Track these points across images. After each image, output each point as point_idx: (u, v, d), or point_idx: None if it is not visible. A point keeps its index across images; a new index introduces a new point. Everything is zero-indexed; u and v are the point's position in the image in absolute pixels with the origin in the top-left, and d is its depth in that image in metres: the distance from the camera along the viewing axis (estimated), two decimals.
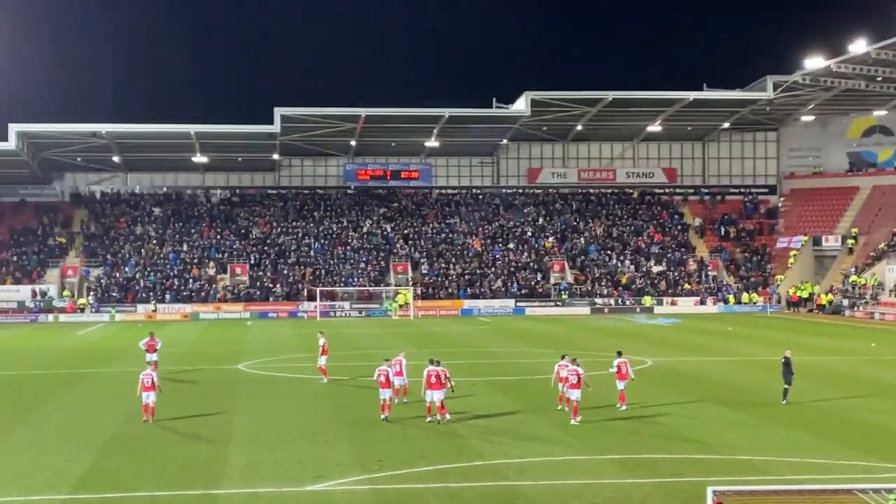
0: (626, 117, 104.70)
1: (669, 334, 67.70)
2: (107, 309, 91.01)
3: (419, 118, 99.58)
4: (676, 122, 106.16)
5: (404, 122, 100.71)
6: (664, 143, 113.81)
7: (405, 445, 27.45)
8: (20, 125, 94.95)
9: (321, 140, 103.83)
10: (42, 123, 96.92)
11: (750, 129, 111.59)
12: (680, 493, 21.95)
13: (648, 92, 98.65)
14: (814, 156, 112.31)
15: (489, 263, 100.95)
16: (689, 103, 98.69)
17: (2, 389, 41.02)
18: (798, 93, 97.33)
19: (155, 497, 21.96)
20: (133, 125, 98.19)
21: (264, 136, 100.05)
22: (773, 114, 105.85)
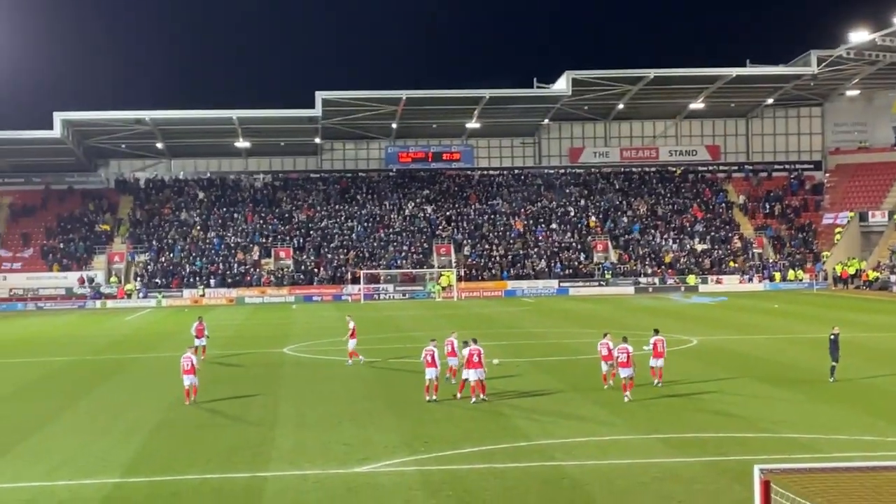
0: (668, 95, 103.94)
1: (714, 313, 67.29)
2: (154, 294, 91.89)
3: (460, 99, 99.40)
4: (719, 99, 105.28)
5: (445, 104, 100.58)
6: (707, 121, 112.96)
7: (451, 427, 27.51)
8: (65, 113, 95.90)
9: (363, 123, 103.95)
10: (86, 111, 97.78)
11: (794, 104, 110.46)
12: (727, 471, 21.84)
13: (690, 69, 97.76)
14: (859, 130, 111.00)
15: (532, 244, 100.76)
16: (732, 80, 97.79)
17: (52, 375, 41.56)
18: (842, 67, 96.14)
19: (204, 479, 22.16)
20: (176, 111, 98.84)
21: (306, 119, 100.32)
22: (817, 89, 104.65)
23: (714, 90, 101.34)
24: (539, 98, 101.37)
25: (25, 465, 24.01)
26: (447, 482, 21.49)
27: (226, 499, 20.58)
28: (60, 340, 58.18)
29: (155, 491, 21.42)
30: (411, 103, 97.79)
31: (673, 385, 33.87)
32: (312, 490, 21.14)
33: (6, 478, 22.83)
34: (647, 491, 20.50)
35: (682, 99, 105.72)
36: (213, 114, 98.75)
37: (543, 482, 21.35)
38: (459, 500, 20.06)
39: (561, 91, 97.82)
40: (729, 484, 20.81)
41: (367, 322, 65.01)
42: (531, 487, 20.93)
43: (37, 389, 37.31)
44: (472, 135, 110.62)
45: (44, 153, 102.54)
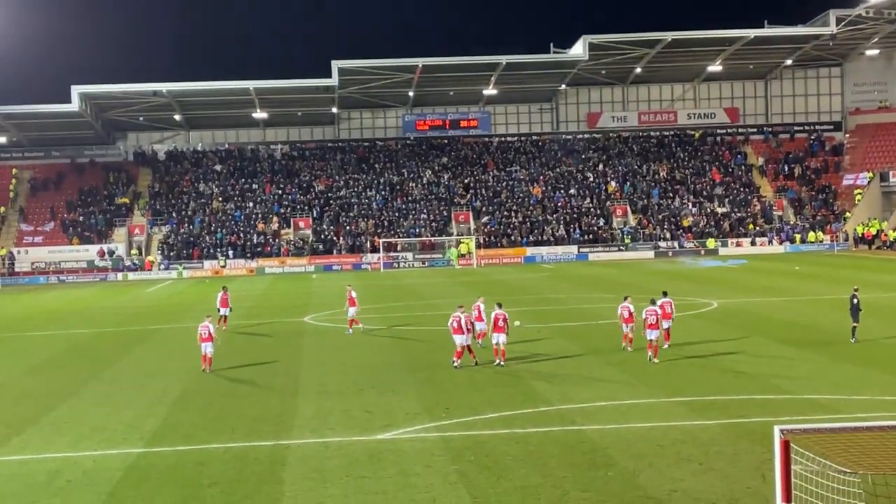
0: (685, 58, 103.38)
1: (735, 276, 67.19)
2: (175, 266, 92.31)
3: (476, 66, 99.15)
4: (737, 61, 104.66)
5: (461, 71, 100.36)
6: (725, 83, 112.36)
7: (472, 393, 27.63)
8: (82, 87, 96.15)
9: (379, 92, 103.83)
10: (104, 84, 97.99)
11: (813, 65, 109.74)
12: (748, 433, 21.89)
13: (708, 31, 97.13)
14: (879, 90, 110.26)
15: (551, 210, 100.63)
16: (750, 41, 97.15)
17: (76, 347, 41.90)
18: (862, 26, 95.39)
19: (228, 448, 22.35)
20: (193, 83, 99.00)
21: (322, 89, 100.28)
22: (836, 49, 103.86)
23: (732, 52, 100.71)
24: (556, 63, 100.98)
25: (51, 436, 24.28)
26: (469, 447, 21.62)
27: (250, 466, 20.76)
28: (83, 313, 58.59)
29: (180, 460, 21.64)
30: (428, 70, 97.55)
31: (693, 348, 33.92)
32: (335, 457, 21.30)
33: (33, 448, 23.09)
34: (667, 453, 20.58)
35: (700, 62, 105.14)
36: (231, 85, 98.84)
37: (564, 446, 21.46)
38: (481, 465, 20.18)
39: (578, 56, 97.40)
40: (750, 446, 20.86)
41: (387, 290, 65.33)
42: (552, 451, 21.04)
43: (61, 361, 37.64)
44: (490, 101, 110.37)
45: (62, 127, 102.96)
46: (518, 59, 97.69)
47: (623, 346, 33.81)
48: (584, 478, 19.11)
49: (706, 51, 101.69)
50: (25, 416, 26.72)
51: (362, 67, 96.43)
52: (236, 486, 19.39)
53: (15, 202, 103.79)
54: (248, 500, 18.57)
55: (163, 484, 19.81)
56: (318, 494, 18.70)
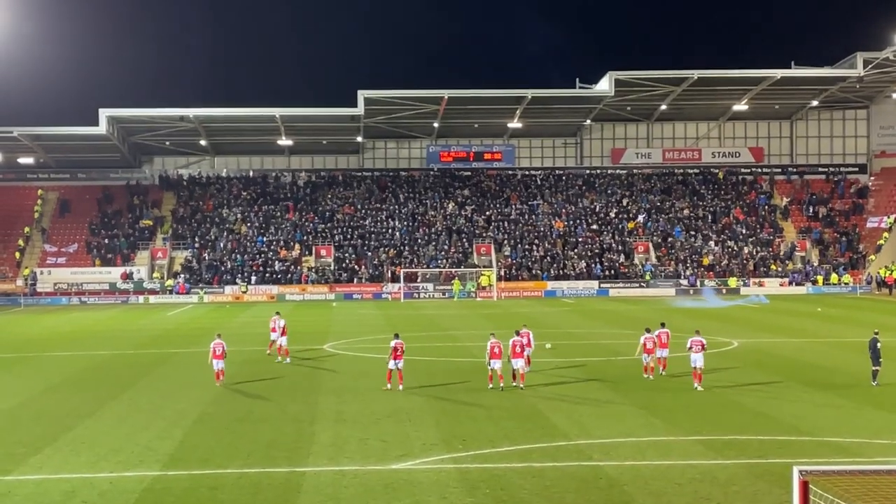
0: (711, 96, 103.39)
1: (755, 315, 66.83)
2: (196, 290, 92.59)
3: (502, 99, 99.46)
4: (763, 101, 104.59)
5: (487, 104, 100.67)
6: (751, 122, 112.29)
7: (489, 425, 27.53)
8: (110, 110, 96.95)
9: (404, 122, 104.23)
10: (131, 108, 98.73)
11: (839, 106, 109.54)
12: (766, 474, 21.71)
13: (735, 70, 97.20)
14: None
15: (573, 245, 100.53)
16: (777, 81, 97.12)
17: (96, 368, 42.00)
18: (889, 69, 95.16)
19: (243, 474, 22.33)
20: (219, 109, 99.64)
21: (348, 118, 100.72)
22: (863, 91, 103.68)
23: (758, 92, 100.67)
24: (581, 98, 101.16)
25: (68, 456, 24.31)
26: (485, 480, 21.52)
27: (264, 493, 20.72)
28: (104, 334, 58.79)
29: (195, 484, 21.62)
30: (453, 102, 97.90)
31: (712, 386, 33.72)
32: (350, 486, 21.24)
33: (50, 468, 23.13)
34: (685, 492, 20.43)
35: (725, 100, 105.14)
36: (256, 111, 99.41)
37: (581, 482, 21.33)
38: (496, 499, 20.08)
39: (603, 91, 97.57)
40: (768, 487, 20.69)
41: (406, 320, 65.29)
42: (568, 487, 20.92)
43: (81, 382, 37.73)
44: (514, 135, 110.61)
45: (89, 149, 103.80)
46: (543, 94, 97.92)
47: (645, 376, 35.68)
48: None
49: (732, 90, 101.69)
50: (43, 436, 26.77)
51: (388, 97, 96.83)
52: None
53: (40, 223, 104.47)
54: None
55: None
56: None
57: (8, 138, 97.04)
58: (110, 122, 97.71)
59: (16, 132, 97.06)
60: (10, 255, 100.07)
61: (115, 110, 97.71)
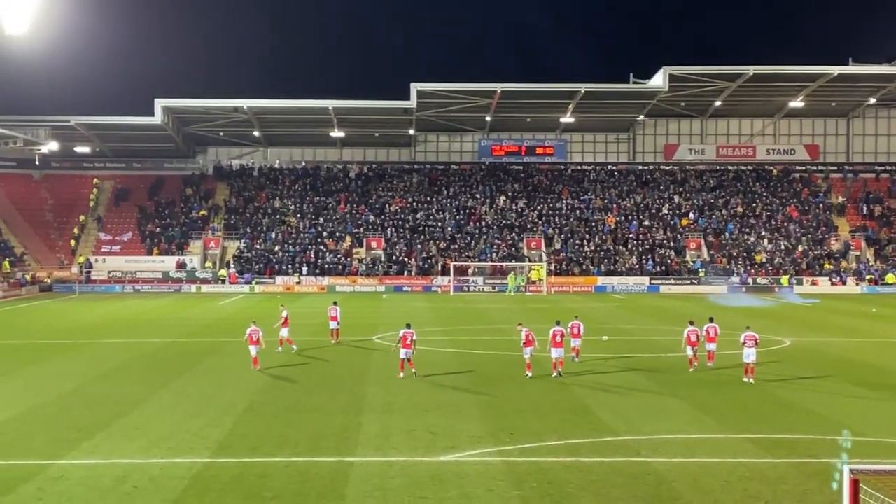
0: (767, 93, 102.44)
1: (808, 314, 66.14)
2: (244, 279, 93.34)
3: (555, 94, 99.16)
4: (820, 98, 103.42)
5: (540, 98, 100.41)
6: (806, 120, 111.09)
7: (536, 419, 27.49)
8: (166, 100, 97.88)
9: (456, 115, 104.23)
10: (186, 98, 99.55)
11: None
12: (817, 473, 21.49)
13: (791, 67, 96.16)
14: None
15: (624, 240, 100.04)
16: (834, 78, 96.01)
17: (148, 356, 42.45)
18: None
19: (291, 462, 22.46)
20: (273, 100, 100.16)
21: (400, 111, 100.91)
22: None
23: (815, 89, 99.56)
24: (635, 93, 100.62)
25: (120, 442, 24.60)
26: (532, 474, 21.50)
27: (312, 482, 20.84)
28: (156, 322, 59.41)
29: (243, 471, 21.79)
30: (506, 97, 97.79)
31: (763, 385, 33.45)
32: (397, 476, 21.30)
33: (102, 453, 23.41)
34: (734, 490, 20.28)
35: (781, 97, 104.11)
36: (310, 103, 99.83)
37: (628, 477, 21.24)
38: (543, 493, 20.05)
39: (657, 87, 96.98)
40: (818, 486, 20.49)
41: (455, 313, 65.37)
42: (616, 482, 20.84)
43: (133, 369, 38.15)
44: (566, 129, 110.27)
45: (144, 139, 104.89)
46: (597, 88, 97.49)
47: (690, 369, 36.70)
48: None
49: (788, 86, 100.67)
50: (96, 421, 27.12)
51: (441, 91, 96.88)
52: (298, 501, 19.48)
53: (95, 211, 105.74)
54: None
55: (226, 494, 19.96)
56: None
57: (65, 127, 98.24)
58: (165, 112, 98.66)
59: (73, 121, 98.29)
60: (66, 243, 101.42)
61: (171, 100, 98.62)
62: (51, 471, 21.78)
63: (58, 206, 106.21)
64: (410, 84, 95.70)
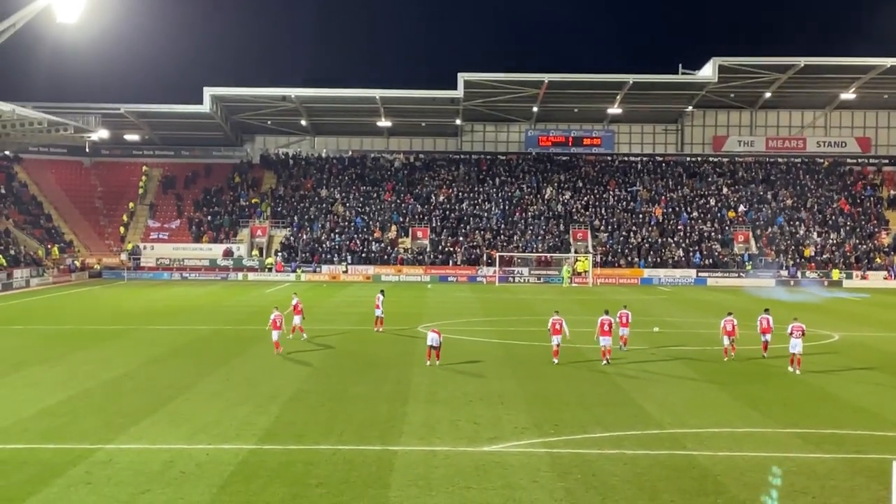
0: (818, 84, 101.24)
1: (857, 309, 65.42)
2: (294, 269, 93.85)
3: (603, 84, 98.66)
4: (872, 90, 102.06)
5: (587, 89, 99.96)
6: (858, 112, 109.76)
7: (581, 410, 27.43)
8: (214, 89, 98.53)
9: (503, 105, 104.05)
10: (235, 87, 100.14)
11: None
12: (865, 469, 21.28)
13: (843, 58, 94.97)
14: None
15: (671, 232, 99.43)
16: (887, 70, 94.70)
17: (195, 342, 42.84)
18: None
19: (336, 450, 22.57)
20: (321, 90, 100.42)
21: (447, 101, 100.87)
22: None
23: (867, 80, 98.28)
24: (684, 84, 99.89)
25: (167, 428, 24.85)
26: (576, 465, 21.46)
27: (357, 470, 20.94)
28: (203, 310, 59.90)
29: (290, 458, 21.93)
30: (553, 87, 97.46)
31: (812, 379, 33.15)
32: (441, 466, 21.35)
33: (149, 438, 23.66)
34: (781, 485, 20.12)
35: (832, 89, 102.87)
36: (357, 93, 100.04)
37: (673, 470, 21.14)
38: (587, 484, 20.01)
39: (706, 78, 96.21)
40: (866, 482, 20.29)
41: (501, 304, 65.35)
42: (660, 475, 20.75)
43: (180, 356, 38.51)
44: (614, 120, 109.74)
45: (193, 127, 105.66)
46: (645, 79, 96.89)
47: (725, 359, 37.25)
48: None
49: (840, 78, 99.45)
50: (143, 407, 27.41)
51: (488, 81, 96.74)
52: (343, 488, 19.57)
53: (144, 198, 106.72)
54: (354, 502, 18.72)
55: (272, 481, 20.10)
56: (423, 502, 18.76)
57: (115, 115, 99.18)
58: (214, 100, 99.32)
59: (122, 109, 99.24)
60: (115, 230, 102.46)
61: (219, 89, 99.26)
62: (99, 455, 22.04)
63: (107, 194, 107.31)
64: (458, 74, 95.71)
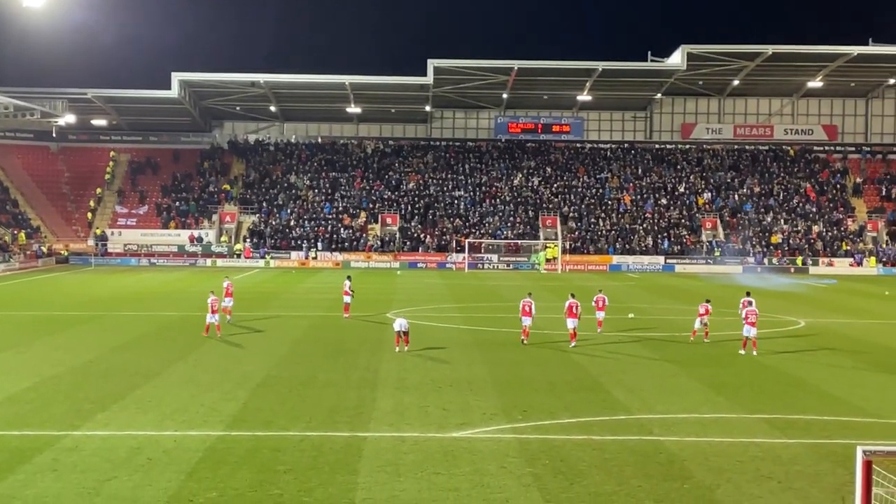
0: (785, 72, 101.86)
1: (824, 295, 65.95)
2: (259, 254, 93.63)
3: (572, 71, 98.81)
4: (839, 78, 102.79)
5: (557, 76, 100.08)
6: (825, 100, 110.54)
7: (550, 397, 27.51)
8: (182, 74, 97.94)
9: (473, 92, 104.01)
10: (203, 73, 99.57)
11: None
12: (830, 454, 21.47)
13: (810, 46, 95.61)
14: None
15: (640, 219, 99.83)
16: (853, 58, 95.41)
17: (163, 329, 42.64)
18: None
19: (305, 437, 22.53)
20: (290, 75, 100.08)
21: (417, 87, 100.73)
22: None
23: (834, 69, 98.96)
24: (653, 72, 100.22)
25: (135, 414, 24.73)
26: (544, 451, 21.52)
27: (325, 456, 20.91)
28: (172, 296, 59.66)
29: (257, 445, 21.87)
30: (523, 74, 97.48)
31: (777, 365, 33.41)
32: (410, 452, 21.36)
33: (117, 425, 23.53)
34: (746, 470, 20.27)
35: (799, 77, 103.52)
36: (326, 79, 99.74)
37: (641, 456, 21.25)
38: (556, 470, 20.08)
39: (675, 65, 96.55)
40: (831, 467, 20.47)
41: (470, 290, 65.42)
42: (628, 460, 20.86)
43: (148, 342, 38.32)
44: (583, 107, 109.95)
45: (161, 113, 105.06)
46: (615, 66, 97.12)
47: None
48: (660, 489, 18.90)
49: (807, 66, 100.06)
50: (111, 393, 27.26)
51: (458, 67, 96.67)
52: (311, 474, 19.54)
53: (112, 184, 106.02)
54: (322, 488, 18.69)
55: (239, 467, 20.05)
56: (392, 488, 18.76)
57: (82, 100, 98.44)
58: (182, 86, 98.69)
59: (90, 94, 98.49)
60: (82, 216, 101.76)
61: (188, 74, 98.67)
62: (66, 441, 21.91)
63: (74, 179, 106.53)
64: (427, 60, 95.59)
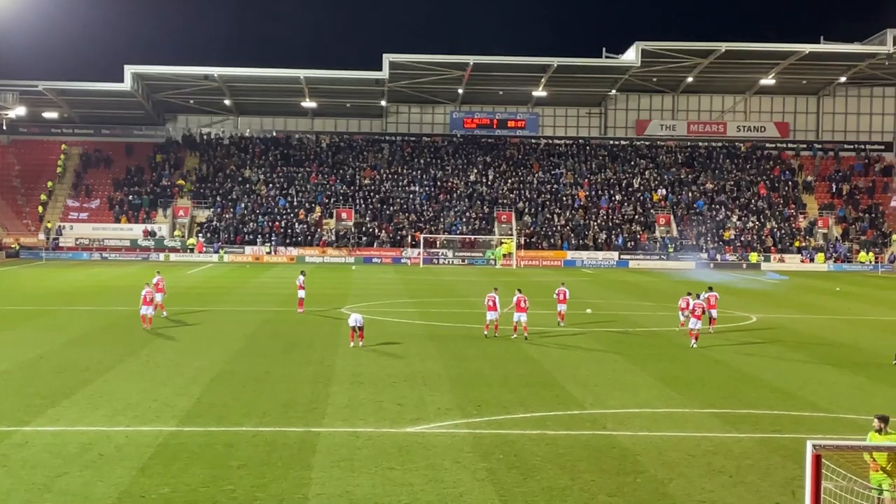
0: (738, 69, 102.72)
1: (775, 291, 66.62)
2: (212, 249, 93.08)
3: (527, 67, 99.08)
4: (791, 76, 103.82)
5: (512, 71, 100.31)
6: (777, 97, 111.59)
7: (504, 392, 27.57)
8: (135, 66, 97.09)
9: (428, 87, 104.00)
10: (156, 65, 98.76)
11: (867, 83, 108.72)
12: (781, 448, 21.69)
13: (763, 44, 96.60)
14: None
15: (594, 215, 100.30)
16: (805, 56, 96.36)
17: (116, 324, 42.26)
18: None
19: (258, 432, 22.44)
20: (244, 69, 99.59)
21: (372, 81, 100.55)
22: (892, 68, 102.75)
23: (786, 66, 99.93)
24: (608, 68, 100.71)
25: (86, 409, 24.49)
26: (498, 446, 21.58)
27: (279, 451, 20.83)
28: (124, 290, 58.99)
29: (210, 440, 21.74)
30: (478, 69, 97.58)
31: (729, 360, 33.70)
32: (364, 447, 21.32)
33: (67, 420, 23.31)
34: (698, 464, 20.44)
35: (752, 74, 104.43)
36: (281, 72, 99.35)
37: (594, 450, 21.37)
38: (510, 464, 20.14)
39: (630, 62, 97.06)
40: (782, 461, 20.68)
41: (425, 286, 65.43)
42: (581, 455, 20.96)
43: (100, 337, 37.97)
44: (538, 103, 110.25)
45: (113, 105, 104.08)
46: (570, 62, 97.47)
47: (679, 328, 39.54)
48: (613, 483, 19.01)
49: (760, 63, 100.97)
50: (62, 388, 26.98)
51: (413, 62, 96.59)
52: (264, 470, 19.47)
53: (63, 177, 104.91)
54: (276, 484, 18.62)
55: (192, 462, 19.92)
56: (346, 483, 18.72)
57: (33, 92, 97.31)
58: (135, 78, 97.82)
59: (41, 86, 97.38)
60: (33, 209, 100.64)
61: (140, 67, 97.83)
62: (15, 437, 21.66)
63: (25, 172, 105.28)
64: (383, 55, 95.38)
